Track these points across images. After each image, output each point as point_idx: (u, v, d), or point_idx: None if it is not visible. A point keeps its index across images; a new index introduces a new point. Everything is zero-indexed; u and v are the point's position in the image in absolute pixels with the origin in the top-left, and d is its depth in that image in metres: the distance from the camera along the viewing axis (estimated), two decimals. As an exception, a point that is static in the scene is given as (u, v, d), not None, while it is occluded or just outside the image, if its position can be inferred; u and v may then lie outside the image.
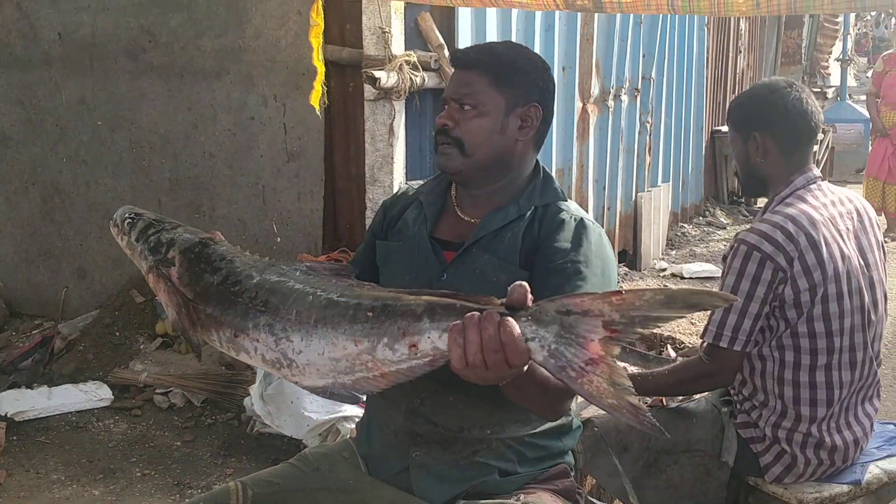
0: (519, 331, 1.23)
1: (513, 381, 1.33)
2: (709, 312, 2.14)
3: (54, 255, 4.82)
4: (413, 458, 1.72)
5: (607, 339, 1.21)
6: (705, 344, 2.14)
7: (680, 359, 2.64)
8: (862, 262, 2.18)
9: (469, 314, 1.26)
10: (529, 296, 1.26)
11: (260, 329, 1.41)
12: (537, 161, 1.80)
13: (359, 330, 1.33)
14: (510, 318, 1.24)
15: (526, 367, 1.28)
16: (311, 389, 1.42)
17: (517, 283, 1.28)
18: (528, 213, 1.71)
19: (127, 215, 1.63)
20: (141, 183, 4.51)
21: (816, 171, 2.24)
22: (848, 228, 2.18)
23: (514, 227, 1.70)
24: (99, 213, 4.65)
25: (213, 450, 3.57)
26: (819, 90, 13.17)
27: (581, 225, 1.69)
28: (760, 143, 2.20)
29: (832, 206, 2.18)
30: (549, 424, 1.71)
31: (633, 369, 2.57)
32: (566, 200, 1.76)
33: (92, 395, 3.95)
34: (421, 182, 1.94)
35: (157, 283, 1.55)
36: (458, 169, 1.71)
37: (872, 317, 2.17)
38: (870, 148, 8.28)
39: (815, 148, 7.82)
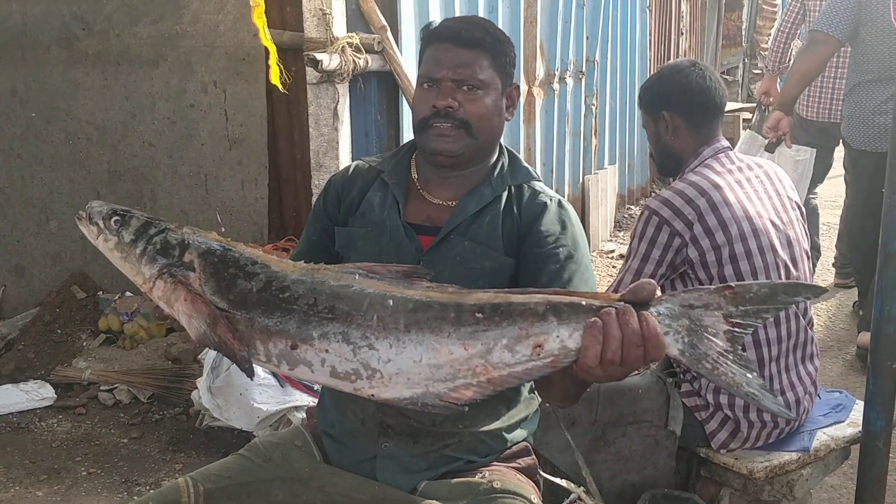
0: (659, 325, 1.24)
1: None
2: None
3: (-10, 252, 4.67)
4: (382, 449, 1.67)
5: (729, 332, 1.25)
6: None
7: None
8: (777, 220, 2.23)
9: (606, 310, 1.24)
10: (658, 292, 1.26)
11: (330, 338, 1.30)
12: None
13: (468, 333, 1.27)
14: (647, 313, 1.23)
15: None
16: (393, 402, 1.32)
17: (644, 280, 1.28)
18: (504, 193, 1.69)
19: (112, 212, 1.41)
20: (79, 175, 4.39)
21: (724, 143, 2.33)
22: (757, 190, 2.25)
23: (491, 210, 1.67)
24: (36, 208, 4.52)
25: (161, 446, 3.49)
26: (759, 70, 13.40)
27: (561, 207, 1.69)
28: (669, 121, 2.29)
29: (738, 172, 2.26)
30: (518, 416, 1.71)
31: None
32: (538, 179, 1.75)
33: (33, 394, 3.83)
34: (374, 159, 1.82)
35: (171, 292, 1.36)
36: (461, 151, 1.66)
37: (793, 272, 2.23)
38: None
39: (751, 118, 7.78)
